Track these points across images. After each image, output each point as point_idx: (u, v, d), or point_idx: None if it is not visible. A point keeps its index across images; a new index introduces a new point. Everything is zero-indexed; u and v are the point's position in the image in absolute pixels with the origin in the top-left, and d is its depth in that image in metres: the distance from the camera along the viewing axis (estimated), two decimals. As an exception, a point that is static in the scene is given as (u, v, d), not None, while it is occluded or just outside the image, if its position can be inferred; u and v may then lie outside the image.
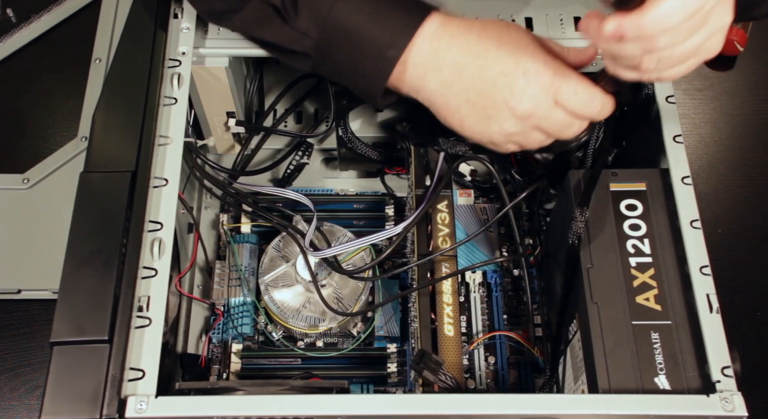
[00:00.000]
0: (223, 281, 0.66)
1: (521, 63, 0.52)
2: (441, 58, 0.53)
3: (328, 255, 0.61)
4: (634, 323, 0.52)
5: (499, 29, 0.54)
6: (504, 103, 0.52)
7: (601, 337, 0.52)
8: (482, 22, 0.54)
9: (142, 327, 0.51)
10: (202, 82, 0.65)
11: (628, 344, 0.51)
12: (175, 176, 0.56)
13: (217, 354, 0.65)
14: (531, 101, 0.52)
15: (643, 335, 0.52)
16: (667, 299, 0.53)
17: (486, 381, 0.64)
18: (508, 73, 0.52)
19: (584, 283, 0.54)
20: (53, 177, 0.74)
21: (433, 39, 0.53)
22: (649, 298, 0.53)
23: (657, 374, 0.50)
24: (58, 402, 0.47)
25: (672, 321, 0.52)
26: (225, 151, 0.75)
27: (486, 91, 0.53)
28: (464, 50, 0.53)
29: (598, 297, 0.53)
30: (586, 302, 0.53)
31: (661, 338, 0.52)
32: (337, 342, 0.67)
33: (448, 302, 0.59)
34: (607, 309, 0.53)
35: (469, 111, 0.54)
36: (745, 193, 0.80)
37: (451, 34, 0.53)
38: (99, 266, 0.51)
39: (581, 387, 0.54)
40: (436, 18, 0.53)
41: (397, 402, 0.49)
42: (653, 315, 0.52)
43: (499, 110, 0.53)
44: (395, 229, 0.60)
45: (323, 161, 0.77)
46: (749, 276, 0.75)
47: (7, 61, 0.83)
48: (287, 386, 0.53)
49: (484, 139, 0.55)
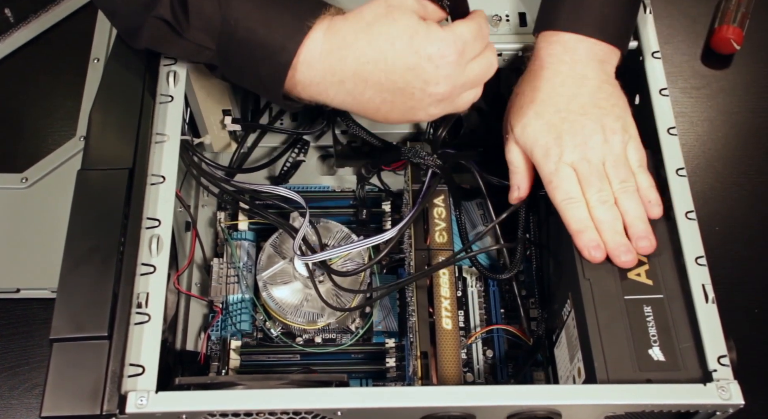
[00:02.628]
0: (221, 279, 0.66)
1: (420, 51, 0.51)
2: (338, 68, 0.52)
3: (318, 260, 0.62)
4: (627, 298, 0.53)
5: (376, 14, 0.52)
6: (422, 92, 0.52)
7: (595, 313, 0.52)
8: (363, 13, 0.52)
9: (142, 323, 0.51)
10: (197, 80, 0.65)
11: (622, 318, 0.52)
12: (172, 173, 0.56)
13: (216, 351, 0.65)
14: (447, 80, 0.52)
15: (636, 309, 0.52)
16: (658, 274, 0.54)
17: (484, 375, 0.64)
18: (413, 66, 0.51)
19: (576, 261, 0.54)
20: (52, 177, 0.75)
21: (323, 41, 0.52)
22: (640, 273, 0.54)
23: (651, 346, 0.51)
24: (59, 398, 0.47)
25: (664, 294, 0.53)
26: (221, 149, 0.75)
27: (400, 88, 0.52)
28: (360, 58, 0.51)
29: (591, 274, 0.54)
30: (579, 280, 0.54)
31: (653, 311, 0.52)
32: (336, 337, 0.67)
33: (446, 296, 0.60)
34: (600, 285, 0.53)
35: (389, 108, 0.54)
36: (742, 191, 0.80)
37: (342, 37, 0.52)
38: (97, 263, 0.51)
39: (577, 365, 0.54)
40: (325, 20, 0.53)
41: (396, 395, 0.49)
42: (645, 290, 0.53)
43: (419, 99, 0.53)
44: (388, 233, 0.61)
45: (320, 158, 0.77)
46: (747, 273, 0.75)
47: (5, 61, 0.83)
48: (287, 380, 0.54)
49: (417, 121, 0.58)
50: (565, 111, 0.57)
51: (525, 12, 0.66)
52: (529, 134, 0.57)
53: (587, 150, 0.56)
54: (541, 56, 0.59)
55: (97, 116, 0.58)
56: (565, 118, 0.57)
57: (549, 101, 0.57)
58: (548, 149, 0.56)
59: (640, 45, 0.64)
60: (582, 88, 0.57)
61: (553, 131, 0.56)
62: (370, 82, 0.52)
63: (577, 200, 0.55)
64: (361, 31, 0.52)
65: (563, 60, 0.58)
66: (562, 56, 0.58)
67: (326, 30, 0.52)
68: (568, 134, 0.56)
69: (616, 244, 0.54)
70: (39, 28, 0.84)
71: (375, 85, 0.52)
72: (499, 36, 0.65)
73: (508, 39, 0.65)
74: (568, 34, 0.59)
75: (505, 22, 0.65)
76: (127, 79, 0.59)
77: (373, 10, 0.52)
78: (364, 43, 0.52)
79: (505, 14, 0.66)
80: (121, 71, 0.60)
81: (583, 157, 0.56)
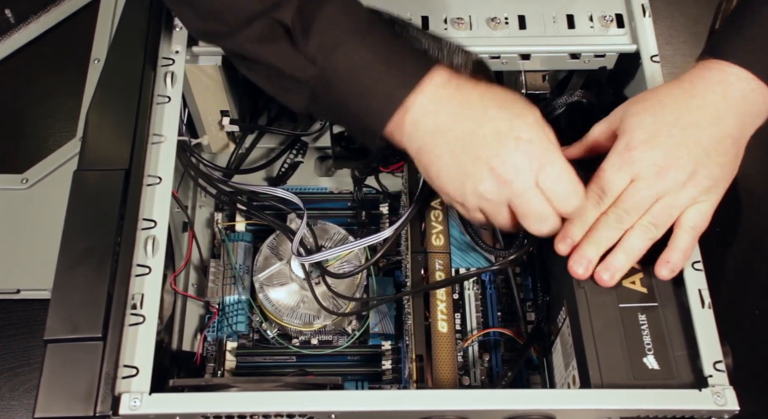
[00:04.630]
0: (218, 280, 0.66)
1: (516, 129, 0.50)
2: (441, 106, 0.52)
3: (316, 260, 0.61)
4: (621, 306, 0.52)
5: (505, 94, 0.53)
6: (486, 162, 0.50)
7: (590, 321, 0.52)
8: (490, 83, 0.53)
9: (136, 324, 0.51)
10: (195, 81, 0.65)
11: (616, 326, 0.52)
12: (168, 174, 0.57)
13: (212, 352, 0.65)
14: (513, 168, 0.50)
15: (631, 317, 0.52)
16: (653, 282, 0.53)
17: (480, 378, 0.64)
18: (500, 134, 0.50)
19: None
20: (52, 177, 0.74)
21: (439, 86, 0.52)
22: (635, 281, 0.53)
23: (645, 354, 0.51)
24: (52, 398, 0.47)
25: (658, 302, 0.53)
26: (219, 150, 0.75)
27: (473, 146, 0.51)
28: (465, 104, 0.51)
29: (585, 282, 0.53)
30: (574, 288, 0.53)
31: (648, 319, 0.52)
32: (332, 339, 0.67)
33: (442, 299, 0.60)
34: (595, 294, 0.53)
35: (449, 162, 0.52)
36: (742, 191, 0.79)
37: (457, 85, 0.52)
38: (93, 264, 0.51)
39: (572, 373, 0.54)
40: (445, 69, 0.53)
41: (391, 398, 0.49)
42: (640, 298, 0.53)
43: (479, 168, 0.51)
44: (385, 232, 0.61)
45: (318, 159, 0.77)
46: (748, 275, 0.75)
47: (5, 62, 0.83)
48: (281, 383, 0.54)
49: (457, 196, 0.53)
50: (679, 134, 0.52)
51: (524, 15, 0.66)
52: (634, 121, 0.53)
53: (659, 178, 0.52)
54: (694, 74, 0.55)
55: (94, 116, 0.58)
56: (672, 136, 0.52)
57: (672, 112, 0.53)
58: (635, 145, 0.52)
59: (639, 49, 0.64)
60: (710, 128, 0.52)
61: (654, 135, 0.52)
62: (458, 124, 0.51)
63: (601, 201, 0.52)
64: (480, 84, 0.52)
65: (714, 90, 0.53)
66: (714, 86, 0.53)
67: (450, 73, 0.52)
68: (661, 150, 0.52)
69: (582, 253, 0.52)
70: (39, 29, 0.84)
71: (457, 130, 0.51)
72: (498, 39, 0.65)
73: (507, 42, 0.65)
74: (733, 67, 0.53)
75: (504, 25, 0.65)
76: (125, 80, 0.59)
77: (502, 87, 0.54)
78: (477, 93, 0.52)
79: (504, 17, 0.66)
80: (118, 71, 0.60)
81: (650, 180, 0.52)
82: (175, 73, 0.61)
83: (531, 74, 0.67)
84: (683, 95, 0.54)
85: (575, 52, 0.65)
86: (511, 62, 0.66)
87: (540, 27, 0.65)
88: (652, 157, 0.52)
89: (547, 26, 0.65)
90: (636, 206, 0.52)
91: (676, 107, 0.53)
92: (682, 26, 0.89)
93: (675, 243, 0.53)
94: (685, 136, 0.52)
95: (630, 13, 0.65)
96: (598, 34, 0.65)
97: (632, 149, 0.52)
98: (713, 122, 0.53)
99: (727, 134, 0.53)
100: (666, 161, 0.52)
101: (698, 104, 0.53)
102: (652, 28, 0.64)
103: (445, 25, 0.65)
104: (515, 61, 0.66)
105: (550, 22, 0.66)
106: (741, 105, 0.53)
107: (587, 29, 0.65)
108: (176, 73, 0.61)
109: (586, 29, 0.65)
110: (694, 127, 0.52)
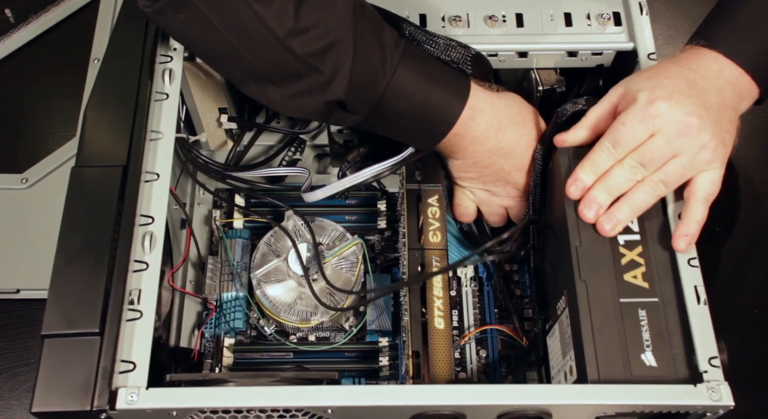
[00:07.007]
0: (215, 277, 0.67)
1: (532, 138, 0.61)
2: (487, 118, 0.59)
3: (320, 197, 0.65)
4: (622, 300, 0.52)
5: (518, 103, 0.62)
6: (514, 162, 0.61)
7: (589, 314, 0.52)
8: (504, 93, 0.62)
9: (133, 319, 0.51)
10: (193, 78, 0.65)
11: (616, 321, 0.52)
12: (166, 170, 0.57)
13: (209, 348, 0.66)
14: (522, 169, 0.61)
15: (631, 312, 0.52)
16: (655, 277, 0.53)
17: (477, 375, 0.64)
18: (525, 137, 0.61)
19: (573, 261, 0.54)
20: (52, 177, 0.75)
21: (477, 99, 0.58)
22: (636, 276, 0.53)
23: (644, 350, 0.51)
24: (50, 393, 0.48)
25: (659, 298, 0.52)
26: (217, 147, 0.75)
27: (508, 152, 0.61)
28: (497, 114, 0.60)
29: (587, 275, 0.53)
30: (575, 280, 0.53)
31: (648, 315, 0.52)
32: (329, 336, 0.67)
33: (439, 296, 0.60)
34: (596, 287, 0.53)
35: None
36: (742, 191, 0.79)
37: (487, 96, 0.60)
38: (90, 260, 0.52)
39: (569, 363, 0.54)
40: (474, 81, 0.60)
41: (386, 393, 0.49)
42: (641, 293, 0.53)
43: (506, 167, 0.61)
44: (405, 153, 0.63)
45: (316, 157, 0.77)
46: (747, 274, 0.75)
47: (5, 61, 0.83)
48: (278, 378, 0.54)
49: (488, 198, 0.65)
50: (697, 95, 0.53)
51: (522, 13, 0.66)
52: (650, 83, 0.53)
53: (681, 135, 0.52)
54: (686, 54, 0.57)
55: (92, 112, 0.58)
56: (691, 96, 0.52)
57: (682, 78, 0.54)
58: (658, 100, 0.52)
59: (636, 46, 0.64)
60: (716, 96, 0.54)
61: (673, 94, 0.52)
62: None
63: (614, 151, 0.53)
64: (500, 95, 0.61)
65: (710, 67, 0.55)
66: (711, 63, 0.55)
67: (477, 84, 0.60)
68: (684, 107, 0.52)
69: (593, 197, 0.53)
70: (39, 29, 0.84)
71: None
72: (495, 37, 0.65)
73: (504, 40, 0.65)
74: (719, 55, 0.56)
75: (501, 22, 0.65)
76: (123, 77, 0.59)
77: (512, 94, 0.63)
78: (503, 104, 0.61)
79: (501, 15, 0.66)
80: (116, 68, 0.60)
81: (672, 135, 0.52)
82: (173, 70, 0.61)
83: (543, 70, 0.67)
84: (684, 69, 0.55)
85: (572, 50, 0.65)
86: (509, 60, 0.66)
87: (537, 25, 0.66)
88: (675, 113, 0.52)
89: (545, 24, 0.66)
90: (653, 160, 0.52)
91: (682, 75, 0.54)
92: (681, 26, 0.89)
93: (691, 215, 0.53)
94: (701, 99, 0.53)
95: (627, 11, 0.66)
96: (596, 32, 0.65)
97: (655, 102, 0.52)
98: (717, 92, 0.54)
99: (729, 106, 0.55)
100: (690, 119, 0.52)
101: (702, 75, 0.54)
102: (650, 26, 0.65)
103: (443, 22, 0.65)
104: (513, 59, 0.66)
105: (548, 20, 0.66)
106: (733, 85, 0.55)
107: (584, 27, 0.65)
108: (174, 70, 0.61)
109: (584, 27, 0.65)
110: (704, 93, 0.53)
